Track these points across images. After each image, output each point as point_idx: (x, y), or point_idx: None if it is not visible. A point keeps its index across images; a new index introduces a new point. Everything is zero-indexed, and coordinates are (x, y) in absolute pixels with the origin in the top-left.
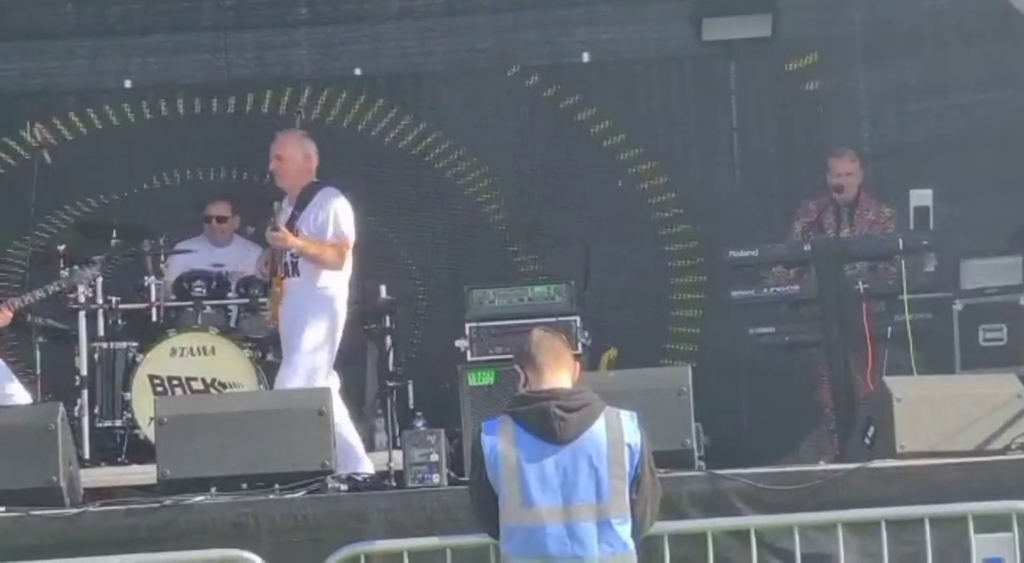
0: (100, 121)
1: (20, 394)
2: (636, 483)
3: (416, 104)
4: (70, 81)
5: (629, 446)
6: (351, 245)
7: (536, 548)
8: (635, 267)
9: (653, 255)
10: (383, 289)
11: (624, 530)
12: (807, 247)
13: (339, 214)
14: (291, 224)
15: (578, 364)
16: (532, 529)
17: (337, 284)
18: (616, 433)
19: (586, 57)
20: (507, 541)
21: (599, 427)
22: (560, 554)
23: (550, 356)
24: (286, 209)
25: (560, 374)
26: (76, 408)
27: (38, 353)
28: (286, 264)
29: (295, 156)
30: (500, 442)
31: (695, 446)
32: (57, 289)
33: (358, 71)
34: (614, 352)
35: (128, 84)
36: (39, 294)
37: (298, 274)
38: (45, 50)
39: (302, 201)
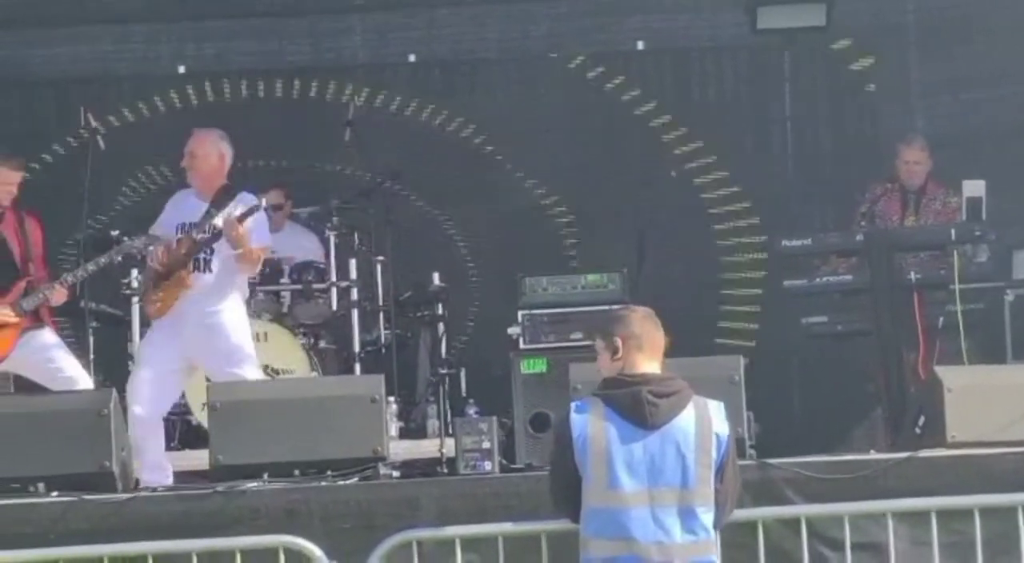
0: (154, 107)
1: (81, 376)
2: (720, 472)
3: (470, 91)
4: (124, 67)
5: (717, 435)
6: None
7: (619, 531)
8: (688, 256)
9: (706, 244)
10: (436, 276)
11: (707, 518)
12: (860, 237)
13: (261, 222)
14: (202, 224)
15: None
16: (616, 512)
17: (244, 286)
18: (705, 421)
19: (640, 45)
20: (589, 523)
21: (688, 414)
22: (642, 538)
23: (651, 341)
24: (199, 208)
25: (655, 360)
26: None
27: (91, 338)
28: (199, 260)
29: (210, 155)
30: (589, 424)
31: (746, 434)
32: (108, 262)
33: (412, 58)
34: (666, 340)
35: (182, 70)
36: (91, 267)
37: (210, 271)
38: (100, 36)
39: (218, 202)
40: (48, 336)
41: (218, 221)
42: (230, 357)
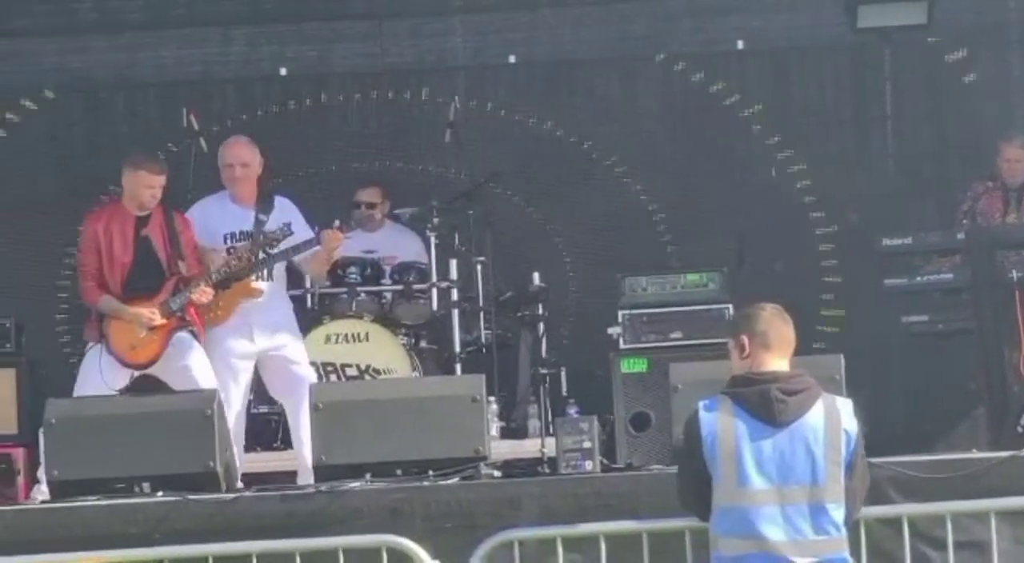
0: (256, 110)
1: (207, 380)
2: (850, 469)
3: (570, 92)
4: (227, 69)
5: (846, 432)
6: None
7: (749, 529)
8: (787, 255)
9: (805, 243)
10: (536, 276)
11: (838, 515)
12: (961, 235)
13: (304, 223)
14: (257, 232)
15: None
16: (746, 510)
17: None
18: (834, 418)
19: (740, 45)
20: (719, 522)
21: (817, 411)
22: (773, 536)
23: (779, 339)
24: (243, 216)
25: (784, 357)
26: None
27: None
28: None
29: (255, 163)
30: (718, 422)
31: None
32: (244, 268)
33: (512, 59)
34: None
35: (284, 72)
36: (233, 263)
37: (271, 278)
38: (203, 38)
39: (263, 209)
40: (191, 347)
41: (276, 230)
42: (297, 354)
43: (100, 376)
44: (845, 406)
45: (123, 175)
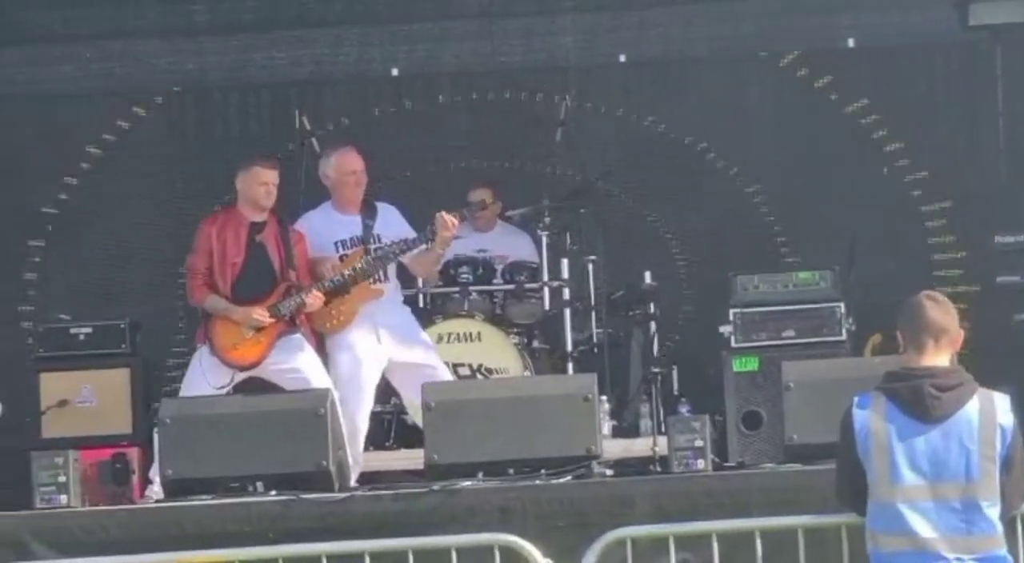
0: (367, 110)
1: (320, 383)
2: (1006, 465)
3: (680, 90)
4: (338, 69)
5: (1001, 427)
6: None
7: (903, 525)
8: (899, 253)
9: (917, 241)
10: (648, 275)
11: (993, 512)
12: None
13: (408, 226)
14: (367, 236)
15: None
16: (899, 506)
17: None
18: (989, 414)
19: (851, 42)
20: (874, 518)
21: (972, 407)
22: (927, 533)
23: (933, 333)
24: (351, 223)
25: (942, 352)
26: None
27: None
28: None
29: (364, 170)
30: (871, 418)
31: None
32: (363, 268)
33: (623, 58)
34: (878, 338)
35: (395, 72)
36: (347, 273)
37: (388, 279)
38: (315, 39)
39: (369, 214)
40: (300, 349)
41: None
42: (427, 351)
43: (203, 376)
44: (1002, 401)
45: (237, 179)
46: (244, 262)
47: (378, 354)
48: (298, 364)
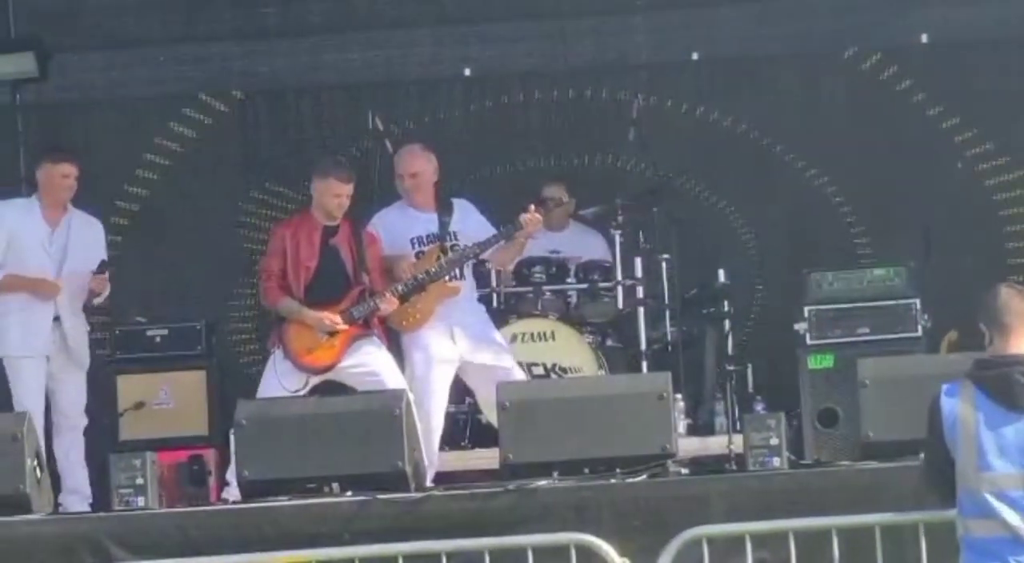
0: (439, 110)
1: (393, 376)
2: None
3: (753, 88)
4: (411, 70)
5: None
6: None
7: (992, 513)
8: (975, 249)
9: (993, 236)
10: (721, 273)
11: None
12: None
13: (484, 221)
14: (443, 233)
15: None
16: (987, 494)
17: None
18: None
19: (925, 38)
20: (965, 505)
21: None
22: (1016, 521)
23: (1018, 319)
24: (426, 220)
25: None
26: None
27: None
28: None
29: (428, 170)
30: (959, 406)
31: None
32: (438, 272)
33: (695, 56)
34: (954, 335)
35: (467, 72)
36: (420, 276)
37: (464, 277)
38: (387, 40)
39: (443, 211)
40: (376, 350)
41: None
42: (500, 351)
43: (278, 381)
44: None
45: (312, 184)
46: (317, 265)
47: (452, 354)
48: (374, 366)
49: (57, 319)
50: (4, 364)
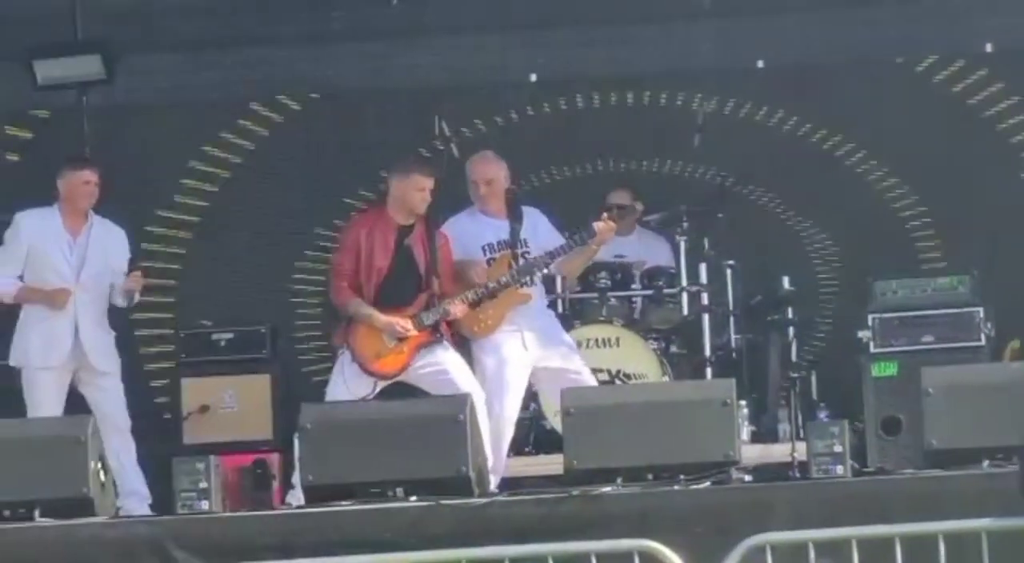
0: (506, 116)
1: (474, 391)
2: None
3: (818, 95)
4: (477, 75)
5: None
6: None
7: None
8: None
9: None
10: (786, 280)
11: None
12: None
13: (552, 229)
14: (514, 240)
15: None
16: None
17: None
18: None
19: (989, 47)
20: None
21: None
22: None
23: None
24: (497, 227)
25: None
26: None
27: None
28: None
29: (499, 178)
30: None
31: None
32: (508, 281)
33: (760, 63)
34: (1017, 343)
35: (533, 78)
36: (491, 285)
37: (535, 284)
38: (454, 44)
39: (514, 217)
40: (445, 350)
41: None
42: (570, 354)
43: (345, 386)
44: None
45: (392, 183)
46: (390, 267)
47: (525, 359)
48: (444, 365)
49: (77, 329)
50: (22, 376)
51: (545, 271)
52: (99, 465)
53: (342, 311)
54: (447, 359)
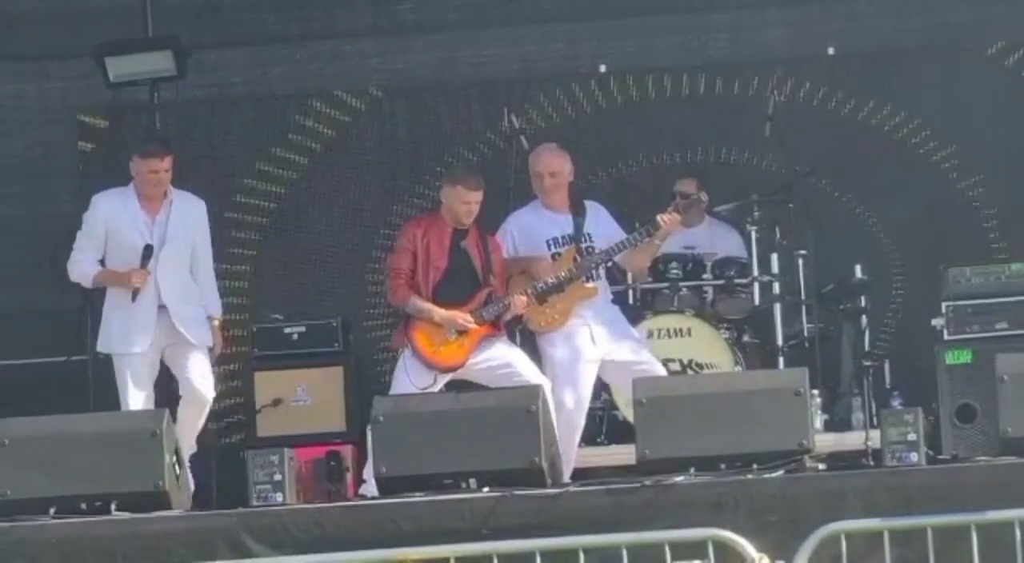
0: (576, 106)
1: (530, 371)
2: None
3: (890, 82)
4: (546, 66)
5: None
6: None
7: None
8: None
9: None
10: (858, 268)
11: None
12: None
13: (615, 224)
14: (578, 235)
15: None
16: None
17: None
18: None
19: None
20: None
21: None
22: None
23: None
24: (562, 222)
25: None
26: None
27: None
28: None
29: (563, 171)
30: None
31: None
32: (568, 277)
33: (831, 50)
34: None
35: (603, 68)
36: (551, 281)
37: (600, 277)
38: (524, 36)
39: (579, 212)
40: (505, 345)
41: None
42: (639, 348)
43: (407, 378)
44: None
45: (442, 189)
46: (447, 266)
47: (594, 353)
48: (508, 358)
49: (163, 308)
50: (113, 360)
51: (609, 264)
52: (174, 459)
53: (401, 309)
54: (509, 353)
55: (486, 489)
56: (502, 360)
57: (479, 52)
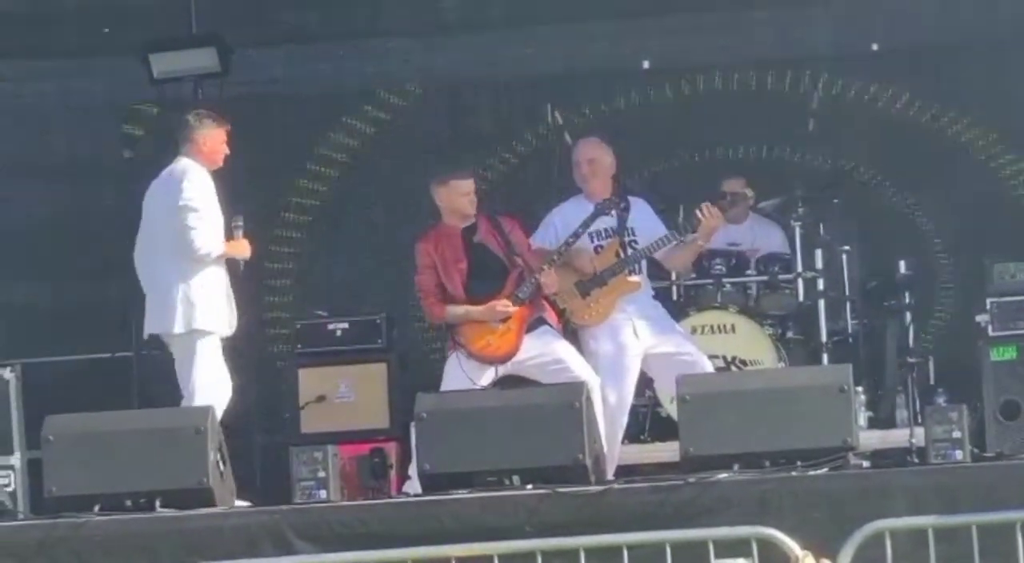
0: (618, 104)
1: (584, 371)
2: None
3: (934, 77)
4: (590, 63)
5: None
6: None
7: None
8: None
9: None
10: (903, 265)
11: None
12: None
13: (658, 220)
14: (620, 228)
15: None
16: None
17: None
18: None
19: None
20: None
21: None
22: None
23: None
24: (593, 210)
25: None
26: None
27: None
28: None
29: (603, 159)
30: None
31: None
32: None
33: (875, 46)
34: None
35: (646, 65)
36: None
37: (642, 270)
38: (567, 33)
39: (621, 206)
40: (552, 335)
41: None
42: (683, 341)
43: (464, 376)
44: None
45: (436, 195)
46: (469, 264)
47: (637, 348)
48: (559, 354)
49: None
50: (199, 340)
51: (651, 256)
52: (218, 456)
53: (441, 323)
54: (560, 349)
55: (530, 486)
56: (554, 356)
57: (521, 49)
